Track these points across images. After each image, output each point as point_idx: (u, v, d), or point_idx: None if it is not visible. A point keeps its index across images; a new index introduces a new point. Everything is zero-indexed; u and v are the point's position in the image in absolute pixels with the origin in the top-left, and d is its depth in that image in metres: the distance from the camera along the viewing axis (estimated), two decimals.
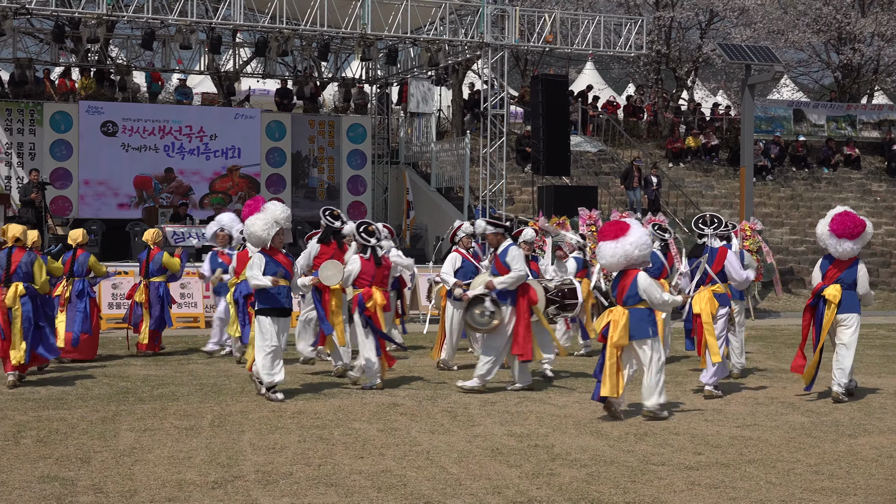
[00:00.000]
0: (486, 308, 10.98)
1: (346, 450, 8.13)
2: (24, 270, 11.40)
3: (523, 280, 11.00)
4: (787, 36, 31.88)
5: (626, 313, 9.49)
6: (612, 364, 9.45)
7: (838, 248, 10.75)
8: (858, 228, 10.63)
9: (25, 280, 11.38)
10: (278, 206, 10.72)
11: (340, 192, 26.45)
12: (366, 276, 11.24)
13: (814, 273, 11.20)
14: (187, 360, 13.79)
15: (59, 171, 23.64)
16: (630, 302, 9.52)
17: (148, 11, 20.70)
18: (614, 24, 24.17)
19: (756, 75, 23.98)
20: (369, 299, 11.10)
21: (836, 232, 10.71)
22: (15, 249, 11.47)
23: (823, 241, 10.89)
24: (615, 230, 9.57)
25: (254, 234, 10.61)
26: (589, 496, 6.85)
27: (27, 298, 11.36)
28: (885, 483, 7.33)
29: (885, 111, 33.68)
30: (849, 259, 10.83)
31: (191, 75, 29.48)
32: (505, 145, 23.39)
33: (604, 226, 10.03)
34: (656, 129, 32.07)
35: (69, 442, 8.32)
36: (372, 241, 11.30)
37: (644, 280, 9.52)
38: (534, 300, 11.16)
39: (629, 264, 9.55)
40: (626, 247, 9.46)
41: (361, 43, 22.31)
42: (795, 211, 29.02)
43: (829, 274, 10.93)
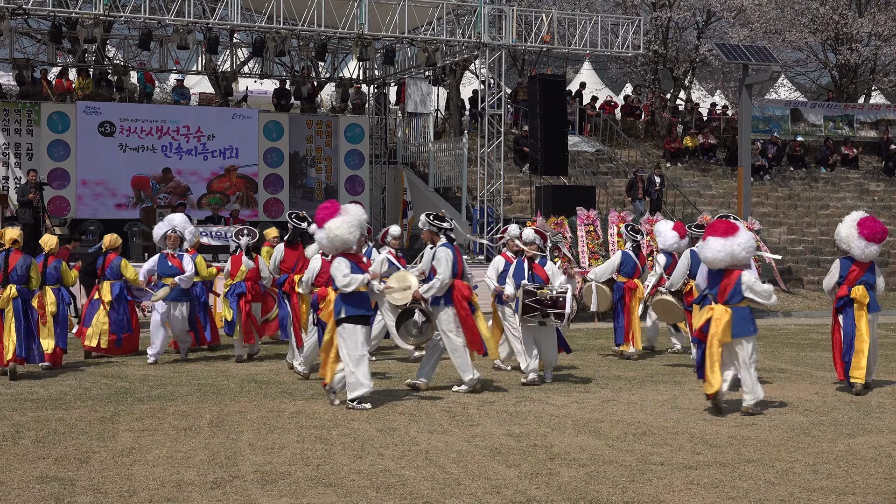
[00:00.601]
0: (416, 321, 11.02)
1: (344, 450, 8.13)
2: (20, 273, 11.87)
3: (448, 285, 10.95)
4: (784, 36, 31.90)
5: (728, 311, 9.86)
6: (715, 361, 9.84)
7: (865, 250, 11.21)
8: (885, 234, 11.26)
9: (20, 282, 11.87)
10: (360, 209, 10.21)
11: (338, 192, 26.42)
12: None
13: (831, 273, 11.52)
14: (186, 360, 13.78)
15: (57, 172, 23.62)
16: (734, 300, 9.89)
17: (145, 12, 20.67)
18: (611, 24, 24.16)
19: (753, 75, 23.99)
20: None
21: (867, 236, 11.20)
22: (12, 252, 11.92)
23: (848, 244, 11.26)
24: (725, 228, 9.98)
25: (339, 237, 9.99)
26: (588, 496, 6.85)
27: (18, 300, 11.83)
28: (883, 482, 7.34)
29: (882, 111, 33.73)
30: (869, 261, 11.36)
31: (188, 75, 29.47)
32: (503, 145, 23.39)
33: (715, 223, 10.34)
34: (654, 129, 32.09)
35: (68, 442, 8.31)
36: None
37: (749, 277, 10.00)
38: (466, 295, 11.07)
39: (732, 263, 9.93)
40: (734, 247, 9.86)
41: (359, 43, 22.30)
42: (793, 211, 29.04)
43: (852, 276, 11.35)
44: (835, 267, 11.48)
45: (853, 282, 11.30)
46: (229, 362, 13.60)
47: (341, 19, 21.60)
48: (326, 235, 10.03)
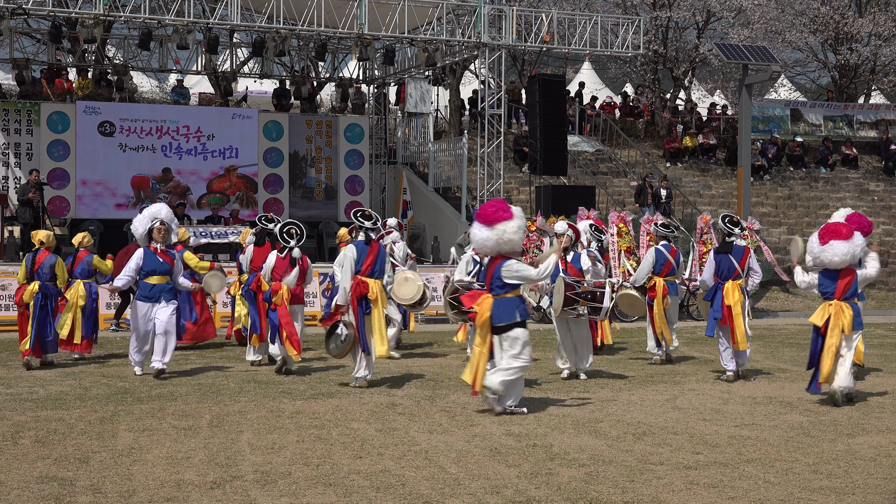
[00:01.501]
0: (340, 334, 11.34)
1: (344, 450, 8.13)
2: (45, 271, 12.93)
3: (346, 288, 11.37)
4: (784, 36, 31.89)
5: (849, 307, 10.59)
6: (833, 353, 10.51)
7: None
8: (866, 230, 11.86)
9: (45, 279, 12.92)
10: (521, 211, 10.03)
11: (338, 192, 26.44)
12: (278, 271, 12.45)
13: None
14: (185, 360, 13.78)
15: (57, 172, 23.63)
16: (852, 297, 10.71)
17: (145, 11, 20.68)
18: (611, 24, 24.17)
19: (753, 75, 23.99)
20: (275, 293, 12.39)
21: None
22: (40, 251, 13.01)
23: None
24: (848, 232, 10.61)
25: (512, 241, 9.68)
26: (587, 496, 6.85)
27: (40, 295, 12.85)
28: (883, 482, 7.34)
29: (882, 111, 33.71)
30: None
31: (188, 75, 29.48)
32: (503, 145, 23.40)
33: (834, 225, 10.81)
34: (654, 129, 32.08)
35: (67, 442, 8.31)
36: (291, 242, 12.37)
37: (863, 274, 11.15)
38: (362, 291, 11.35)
39: (851, 263, 10.72)
40: (854, 248, 10.60)
41: (359, 43, 22.31)
42: (793, 210, 29.04)
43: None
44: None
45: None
46: (230, 362, 13.60)
47: (341, 19, 21.61)
48: (499, 237, 9.62)
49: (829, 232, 10.55)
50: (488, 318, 9.61)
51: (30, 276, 12.90)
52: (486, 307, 9.63)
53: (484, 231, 9.67)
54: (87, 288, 13.59)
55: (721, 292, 12.37)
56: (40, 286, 12.84)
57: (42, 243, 13.02)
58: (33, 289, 12.83)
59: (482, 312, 9.65)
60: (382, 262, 11.59)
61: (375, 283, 11.43)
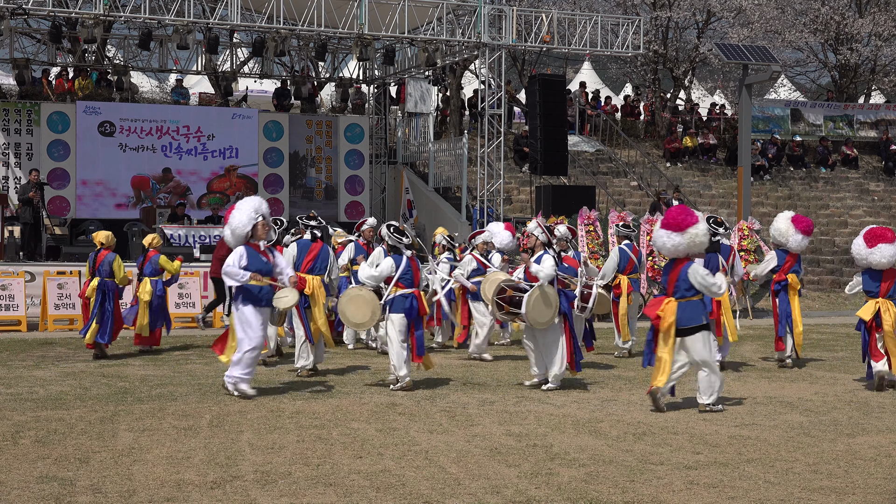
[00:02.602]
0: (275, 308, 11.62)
1: (344, 450, 8.13)
2: (105, 268, 13.84)
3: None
4: (784, 36, 31.89)
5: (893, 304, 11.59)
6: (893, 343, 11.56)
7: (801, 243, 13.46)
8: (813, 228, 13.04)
9: (104, 276, 13.83)
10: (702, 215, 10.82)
11: (338, 192, 26.45)
12: None
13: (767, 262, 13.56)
14: (185, 360, 13.79)
15: (57, 172, 23.64)
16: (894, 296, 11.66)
17: (145, 12, 20.69)
18: (611, 24, 24.18)
19: (753, 75, 23.99)
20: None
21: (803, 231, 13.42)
22: (101, 251, 14.00)
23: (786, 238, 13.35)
24: (893, 235, 11.60)
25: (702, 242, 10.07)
26: (587, 496, 6.85)
27: (99, 291, 13.75)
28: (883, 482, 7.34)
29: (882, 111, 33.71)
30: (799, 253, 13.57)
31: (188, 75, 29.49)
32: (503, 145, 23.40)
33: (880, 229, 11.80)
34: (654, 129, 32.09)
35: (68, 442, 8.31)
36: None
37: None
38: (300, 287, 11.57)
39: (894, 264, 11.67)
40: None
41: (359, 43, 22.32)
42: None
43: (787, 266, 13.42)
44: (772, 257, 13.49)
45: (787, 270, 13.34)
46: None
47: (341, 19, 21.61)
48: (690, 241, 9.91)
49: (877, 236, 11.60)
50: (674, 321, 9.88)
51: (92, 273, 13.98)
52: (671, 311, 9.90)
53: (675, 237, 9.94)
54: (153, 285, 14.58)
55: None
56: (99, 283, 13.80)
57: (102, 244, 14.04)
58: (94, 285, 13.84)
59: (667, 317, 9.89)
60: (324, 260, 12.27)
61: (314, 279, 12.20)
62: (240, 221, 10.58)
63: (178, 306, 18.16)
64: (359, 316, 11.14)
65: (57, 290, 17.55)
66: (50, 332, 17.00)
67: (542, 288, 10.97)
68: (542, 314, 10.99)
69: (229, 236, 10.73)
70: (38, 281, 17.90)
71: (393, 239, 11.25)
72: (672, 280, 9.99)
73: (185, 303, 18.34)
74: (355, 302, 11.12)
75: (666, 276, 10.13)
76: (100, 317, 13.68)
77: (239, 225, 10.58)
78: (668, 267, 10.18)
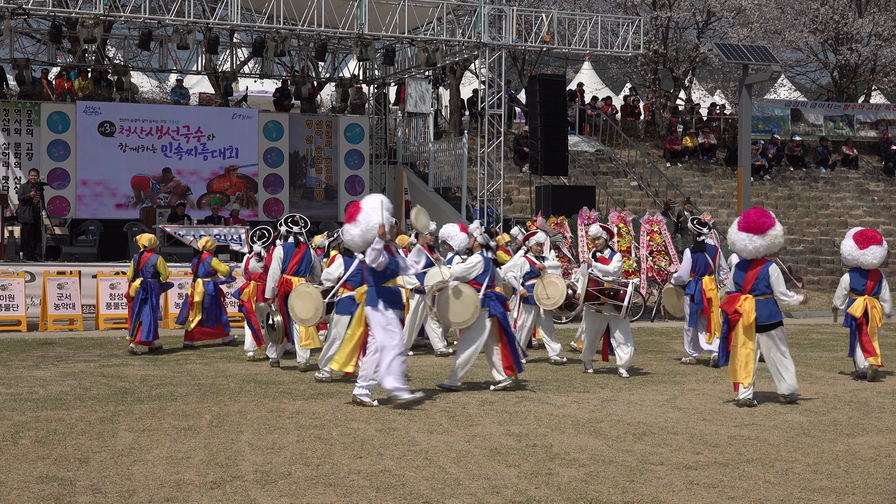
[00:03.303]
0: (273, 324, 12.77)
1: (344, 450, 8.13)
2: (148, 269, 14.66)
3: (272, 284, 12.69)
4: (784, 36, 31.90)
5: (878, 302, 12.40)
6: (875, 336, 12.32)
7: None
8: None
9: (149, 276, 14.65)
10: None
11: (338, 192, 26.45)
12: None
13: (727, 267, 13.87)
14: (185, 359, 13.79)
15: (57, 172, 23.64)
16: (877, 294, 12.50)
17: (145, 12, 20.69)
18: (612, 23, 24.18)
19: (753, 75, 23.98)
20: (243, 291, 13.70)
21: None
22: (144, 253, 14.79)
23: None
24: (881, 237, 12.37)
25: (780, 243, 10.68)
26: (587, 496, 6.85)
27: (141, 291, 14.54)
28: (883, 482, 7.34)
29: (882, 111, 33.71)
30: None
31: (188, 75, 29.49)
32: (503, 145, 23.40)
33: (870, 231, 12.58)
34: (654, 129, 32.09)
35: (67, 442, 8.31)
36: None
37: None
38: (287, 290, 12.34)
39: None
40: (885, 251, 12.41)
41: (359, 43, 22.32)
42: (793, 210, 29.05)
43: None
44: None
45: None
46: (230, 362, 13.61)
47: (341, 19, 21.61)
48: (770, 242, 10.41)
49: (868, 238, 12.40)
50: (755, 318, 10.33)
51: (135, 274, 14.73)
52: (751, 308, 10.33)
53: (757, 240, 10.38)
54: (205, 286, 15.38)
55: (701, 286, 13.68)
56: (142, 283, 14.58)
57: (145, 247, 14.84)
58: (137, 285, 14.60)
59: (747, 314, 10.32)
60: (308, 262, 12.78)
61: (298, 282, 12.56)
62: (374, 216, 10.02)
63: (178, 306, 18.14)
64: (304, 312, 11.61)
65: (57, 291, 17.55)
66: (50, 333, 17.00)
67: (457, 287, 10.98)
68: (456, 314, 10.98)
69: (358, 237, 10.10)
70: (38, 281, 17.90)
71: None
72: (751, 279, 10.42)
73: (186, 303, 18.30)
74: (302, 298, 11.57)
75: (742, 275, 10.50)
76: (144, 315, 14.45)
77: (372, 227, 10.02)
78: (743, 266, 10.58)
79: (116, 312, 17.86)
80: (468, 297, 10.90)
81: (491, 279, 11.25)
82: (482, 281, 11.16)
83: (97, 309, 17.88)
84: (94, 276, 18.13)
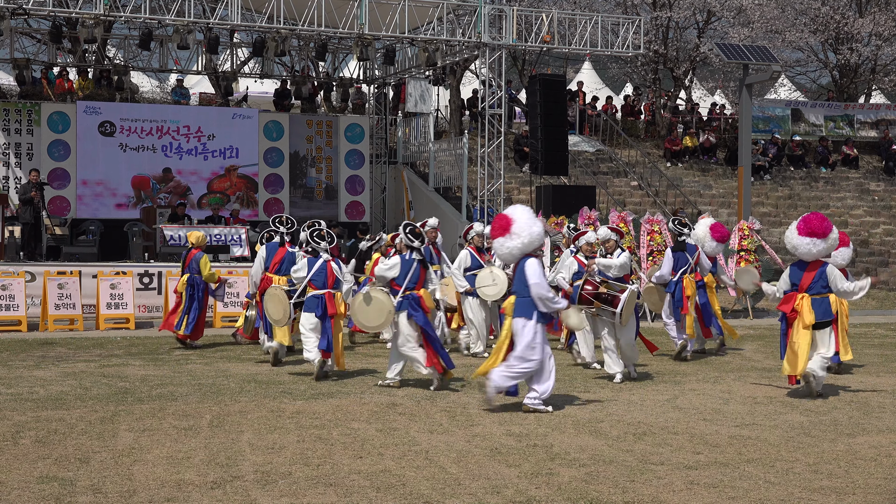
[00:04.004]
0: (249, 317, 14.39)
1: (344, 450, 8.13)
2: (194, 266, 15.15)
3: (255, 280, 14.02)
4: (784, 35, 31.88)
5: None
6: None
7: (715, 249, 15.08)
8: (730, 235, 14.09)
9: (195, 272, 15.13)
10: None
11: (338, 192, 26.45)
12: None
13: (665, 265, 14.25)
14: (186, 359, 13.79)
15: (57, 172, 23.64)
16: None
17: (145, 12, 20.68)
18: (612, 23, 24.17)
19: (754, 75, 23.98)
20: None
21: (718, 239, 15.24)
22: (192, 250, 15.34)
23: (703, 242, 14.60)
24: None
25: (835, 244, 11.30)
26: (588, 496, 6.85)
27: (188, 286, 15.08)
28: (883, 482, 7.34)
29: (882, 111, 33.70)
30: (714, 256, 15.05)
31: (188, 75, 29.47)
32: (503, 145, 23.40)
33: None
34: (654, 129, 32.08)
35: (68, 442, 8.31)
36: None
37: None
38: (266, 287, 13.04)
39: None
40: None
41: (359, 43, 22.31)
42: (793, 210, 29.01)
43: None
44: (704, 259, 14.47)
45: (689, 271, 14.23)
46: (230, 362, 13.60)
47: (341, 19, 21.61)
48: (830, 245, 11.06)
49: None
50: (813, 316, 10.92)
51: (183, 270, 15.33)
52: (808, 307, 10.94)
53: (820, 244, 10.95)
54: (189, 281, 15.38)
55: (682, 285, 14.13)
56: (189, 279, 15.11)
57: (193, 244, 15.39)
58: (184, 280, 15.15)
59: (805, 312, 10.92)
60: (290, 262, 13.34)
61: (281, 279, 13.36)
62: (539, 235, 10.03)
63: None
64: (275, 313, 12.33)
65: (57, 290, 17.55)
66: (50, 332, 17.00)
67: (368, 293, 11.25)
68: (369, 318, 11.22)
69: (518, 249, 9.96)
70: (38, 281, 17.90)
71: (312, 243, 12.15)
72: (808, 279, 11.03)
73: None
74: (272, 300, 12.31)
75: (799, 275, 11.06)
76: (189, 309, 15.04)
77: (537, 237, 10.02)
78: (800, 266, 11.13)
79: (116, 312, 17.86)
80: (380, 301, 11.10)
81: (413, 281, 11.26)
82: (401, 283, 11.26)
83: (97, 309, 17.88)
84: (94, 276, 18.12)
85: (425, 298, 11.26)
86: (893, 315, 22.51)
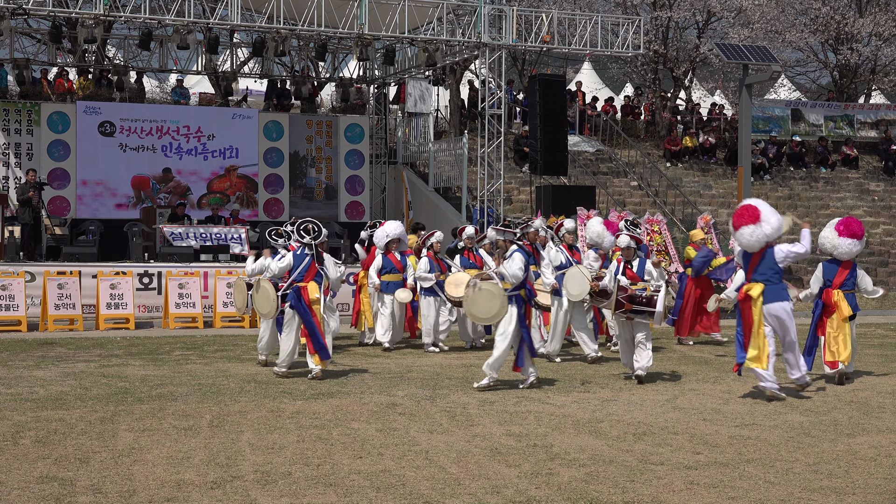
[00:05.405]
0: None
1: (344, 450, 8.13)
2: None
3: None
4: (784, 36, 31.88)
5: None
6: None
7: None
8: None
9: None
10: None
11: (338, 192, 26.45)
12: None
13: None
14: (185, 360, 13.79)
15: (57, 172, 23.63)
16: None
17: (145, 12, 20.68)
18: (612, 23, 24.16)
19: (753, 75, 23.98)
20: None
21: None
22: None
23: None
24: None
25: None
26: (588, 496, 6.85)
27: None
28: (883, 482, 7.34)
29: (882, 111, 33.69)
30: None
31: (188, 75, 29.48)
32: (503, 145, 23.39)
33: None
34: (654, 129, 32.08)
35: (68, 442, 8.31)
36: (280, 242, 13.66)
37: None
38: None
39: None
40: None
41: (359, 43, 22.30)
42: (793, 210, 29.01)
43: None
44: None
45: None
46: (230, 362, 13.60)
47: (341, 19, 21.61)
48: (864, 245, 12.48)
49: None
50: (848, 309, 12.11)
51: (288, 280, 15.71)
52: (844, 301, 12.15)
53: (857, 244, 12.32)
54: None
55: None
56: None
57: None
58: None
59: (843, 306, 12.11)
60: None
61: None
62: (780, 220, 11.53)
63: (178, 306, 18.16)
64: (263, 307, 12.62)
65: (57, 291, 17.55)
66: (50, 333, 17.01)
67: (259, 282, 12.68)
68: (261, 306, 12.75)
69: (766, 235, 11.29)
70: (38, 281, 17.90)
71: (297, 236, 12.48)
72: (842, 276, 12.28)
73: (185, 303, 18.33)
74: (260, 295, 12.63)
75: (833, 271, 12.31)
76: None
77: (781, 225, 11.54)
78: (835, 264, 12.38)
79: (116, 312, 17.87)
80: (265, 290, 12.44)
81: (301, 275, 12.13)
82: (292, 275, 12.22)
83: (97, 309, 17.88)
84: (94, 276, 18.12)
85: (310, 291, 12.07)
86: (893, 315, 22.52)
